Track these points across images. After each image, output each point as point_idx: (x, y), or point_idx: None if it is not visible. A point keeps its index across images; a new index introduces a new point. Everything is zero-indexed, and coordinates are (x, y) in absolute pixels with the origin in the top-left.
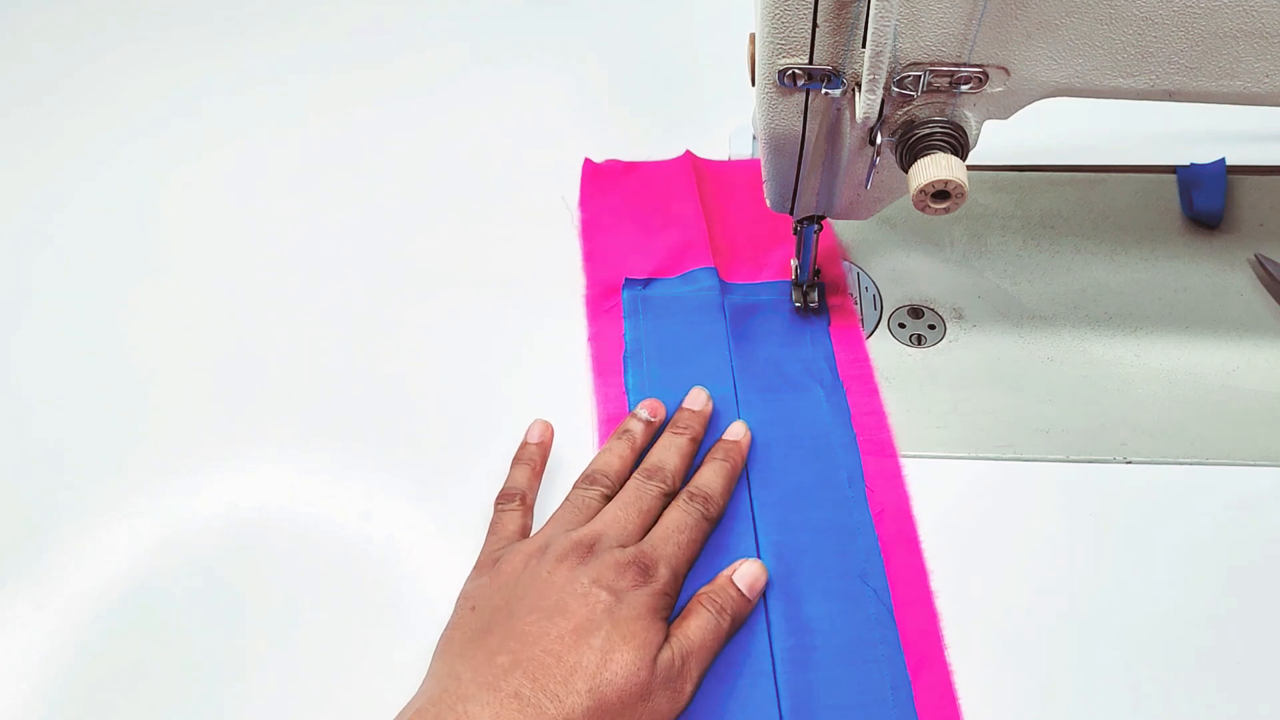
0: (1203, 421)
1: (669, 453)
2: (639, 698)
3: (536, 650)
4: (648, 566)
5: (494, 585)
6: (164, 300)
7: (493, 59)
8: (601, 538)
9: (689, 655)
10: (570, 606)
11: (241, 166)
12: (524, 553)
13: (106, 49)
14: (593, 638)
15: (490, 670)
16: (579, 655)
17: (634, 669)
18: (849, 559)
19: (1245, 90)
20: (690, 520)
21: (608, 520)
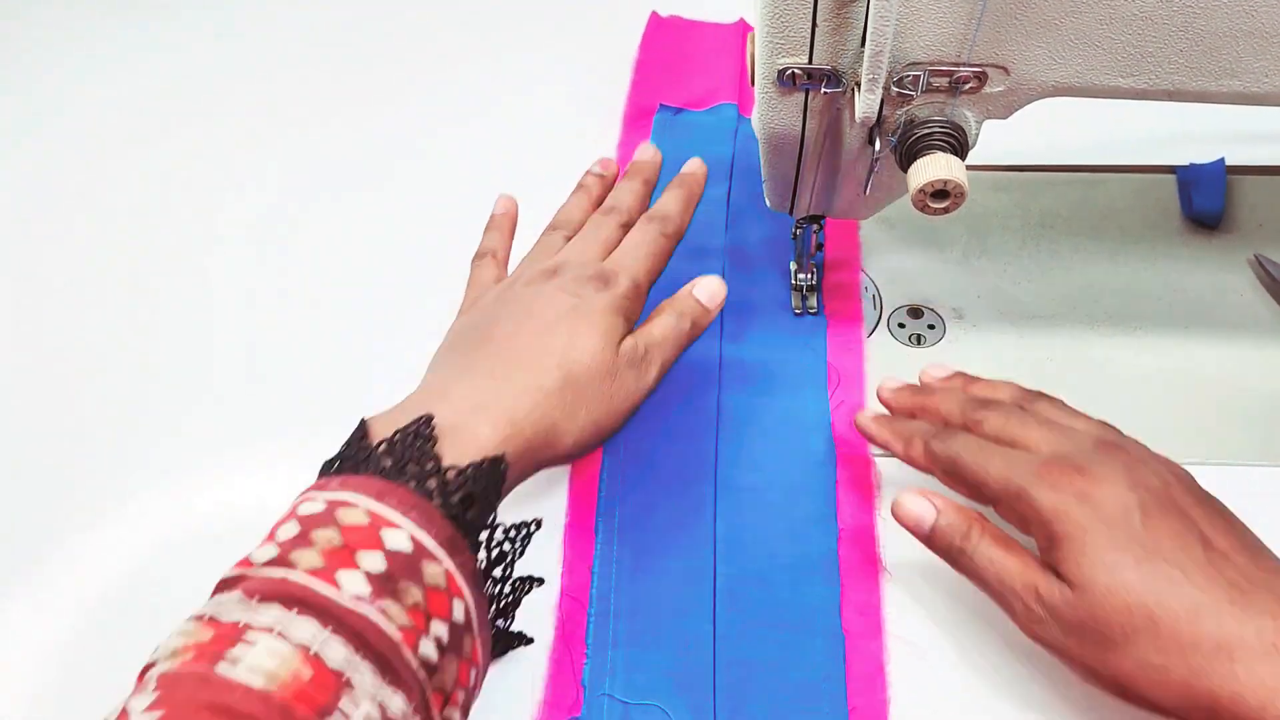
0: (1202, 421)
1: (622, 193)
2: (605, 374)
3: (507, 346)
4: (609, 275)
5: (472, 315)
6: (164, 299)
7: (492, 58)
8: (564, 263)
9: (651, 346)
10: (536, 309)
11: (242, 166)
12: (498, 289)
13: (116, 43)
14: (559, 327)
15: (468, 361)
16: (547, 340)
17: (598, 348)
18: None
19: (1245, 90)
20: (648, 237)
21: (570, 250)
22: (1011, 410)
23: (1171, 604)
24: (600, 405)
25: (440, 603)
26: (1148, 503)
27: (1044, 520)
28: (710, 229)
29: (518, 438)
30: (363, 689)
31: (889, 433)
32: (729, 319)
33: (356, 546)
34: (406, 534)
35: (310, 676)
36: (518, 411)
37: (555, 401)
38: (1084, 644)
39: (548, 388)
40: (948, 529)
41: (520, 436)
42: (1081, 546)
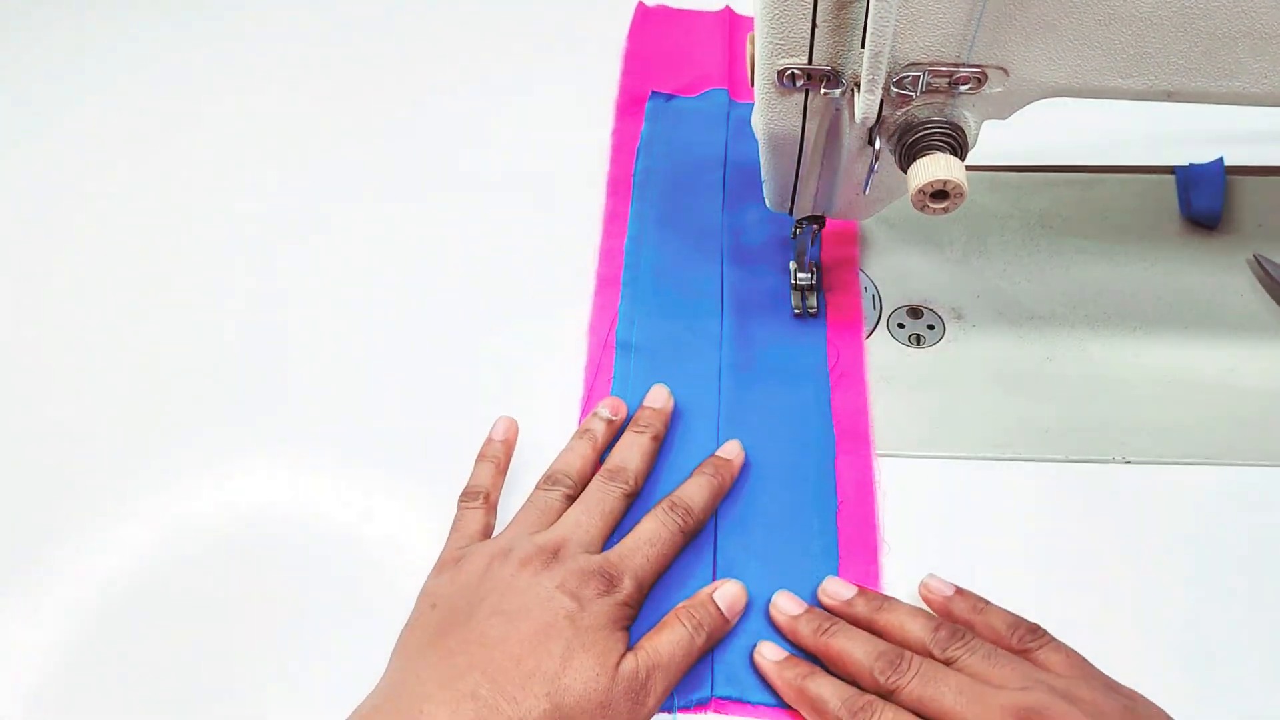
0: (1201, 421)
1: (630, 452)
2: (598, 705)
3: (496, 653)
4: (613, 577)
5: (455, 585)
6: (164, 299)
7: (491, 58)
8: (566, 543)
9: (654, 669)
10: (532, 611)
11: (242, 166)
12: (487, 553)
13: (128, 41)
14: (553, 643)
15: (449, 669)
16: (538, 659)
17: (593, 675)
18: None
19: (1244, 90)
20: (665, 533)
21: (570, 525)
22: (925, 673)
23: None
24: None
25: None
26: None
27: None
28: (708, 224)
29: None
30: None
31: (795, 693)
32: (729, 319)
33: None
34: None
35: None
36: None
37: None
38: None
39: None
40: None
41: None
42: None
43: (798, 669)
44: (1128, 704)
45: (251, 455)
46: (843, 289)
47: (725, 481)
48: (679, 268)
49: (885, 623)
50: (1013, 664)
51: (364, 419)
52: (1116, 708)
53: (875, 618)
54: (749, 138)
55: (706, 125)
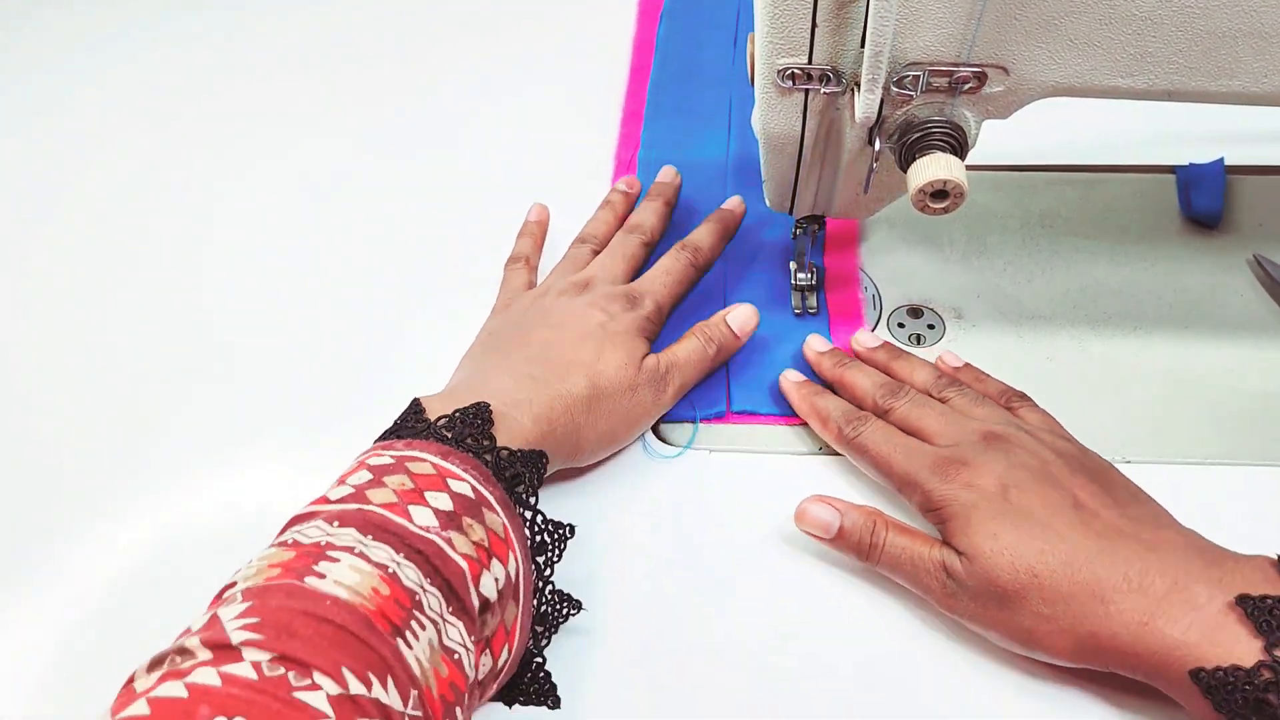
0: (1202, 421)
1: (645, 213)
2: (627, 388)
3: (544, 351)
4: (635, 297)
5: (506, 318)
6: (165, 298)
7: (491, 58)
8: (594, 278)
9: (672, 366)
10: (568, 321)
11: (241, 167)
12: (530, 295)
13: (122, 42)
14: (589, 342)
15: (507, 362)
16: (578, 353)
17: (622, 364)
18: None
19: (1244, 90)
20: (678, 265)
21: (597, 265)
22: (917, 400)
23: (1048, 559)
24: (618, 416)
25: (500, 548)
26: (1022, 479)
27: (937, 506)
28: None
29: (550, 435)
30: (429, 613)
31: (807, 406)
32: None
33: (425, 488)
34: (469, 484)
35: (388, 594)
36: (553, 411)
37: (582, 407)
38: (988, 607)
39: (577, 394)
40: (853, 528)
41: (552, 435)
42: (967, 522)
43: (811, 387)
44: (1082, 450)
45: (252, 455)
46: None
47: (729, 225)
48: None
49: (898, 368)
50: (994, 408)
51: (365, 419)
52: (1073, 449)
53: (890, 364)
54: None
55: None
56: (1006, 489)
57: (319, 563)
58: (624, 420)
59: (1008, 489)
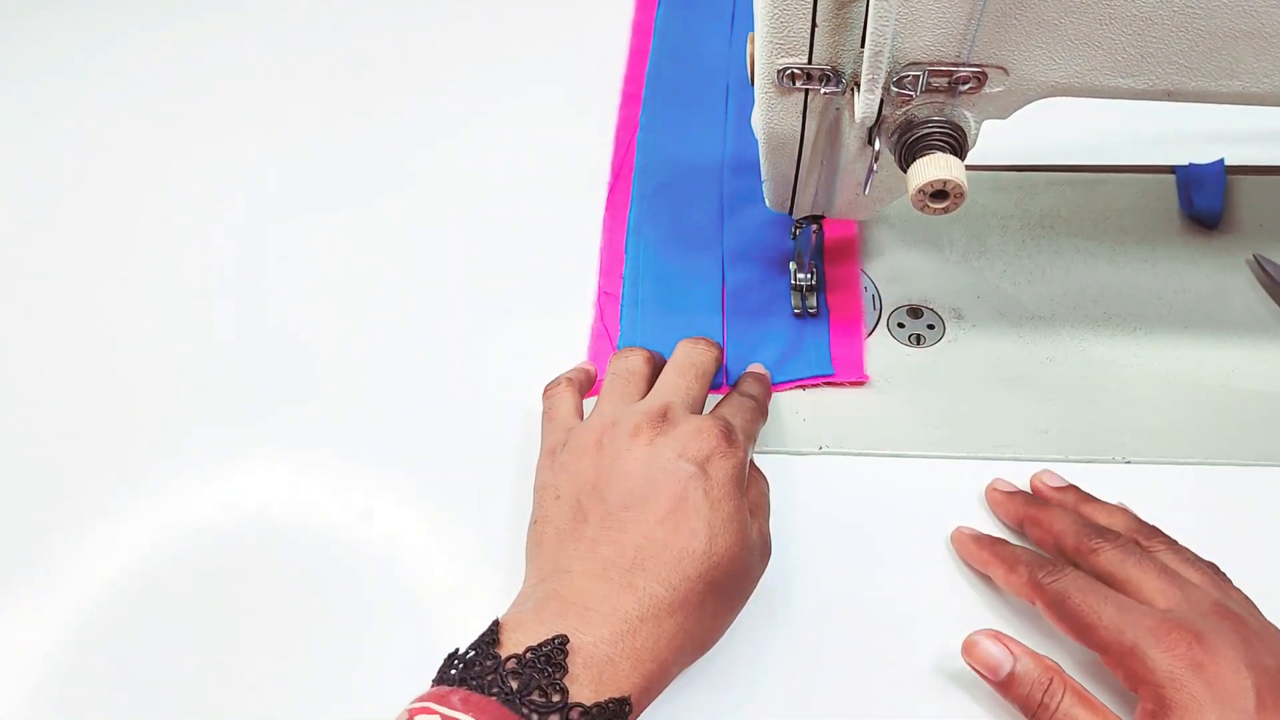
0: (1202, 422)
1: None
2: (743, 572)
3: (639, 538)
4: (730, 433)
5: (572, 470)
6: (165, 298)
7: (492, 59)
8: (670, 406)
9: (764, 518)
10: (660, 484)
11: (241, 167)
12: (593, 430)
13: (119, 41)
14: (692, 521)
15: (597, 561)
16: (683, 541)
17: (738, 549)
18: None
19: (1245, 90)
20: (751, 403)
21: (667, 387)
22: (1128, 547)
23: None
24: (739, 603)
25: None
26: (1262, 686)
27: (1156, 683)
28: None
29: (659, 671)
30: None
31: (989, 554)
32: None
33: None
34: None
35: None
36: (660, 639)
37: (697, 617)
38: None
39: (691, 604)
40: (1025, 678)
41: (661, 669)
42: (1195, 717)
43: (990, 536)
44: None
45: (252, 455)
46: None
47: (766, 391)
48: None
49: (1089, 510)
50: (1204, 569)
51: (364, 418)
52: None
53: (1080, 506)
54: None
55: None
56: (1245, 693)
57: None
58: (742, 602)
59: (1246, 694)
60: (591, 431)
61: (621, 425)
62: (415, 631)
